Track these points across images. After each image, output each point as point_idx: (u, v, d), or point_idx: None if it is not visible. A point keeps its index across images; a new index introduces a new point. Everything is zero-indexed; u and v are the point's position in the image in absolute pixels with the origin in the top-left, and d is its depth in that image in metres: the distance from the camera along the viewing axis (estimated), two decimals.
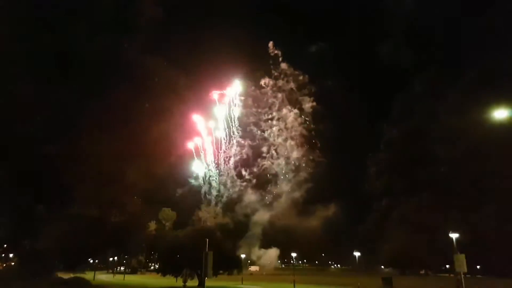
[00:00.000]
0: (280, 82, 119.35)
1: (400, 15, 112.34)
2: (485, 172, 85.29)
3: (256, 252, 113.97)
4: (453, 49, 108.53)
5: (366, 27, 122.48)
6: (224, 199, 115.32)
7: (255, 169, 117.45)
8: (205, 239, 31.31)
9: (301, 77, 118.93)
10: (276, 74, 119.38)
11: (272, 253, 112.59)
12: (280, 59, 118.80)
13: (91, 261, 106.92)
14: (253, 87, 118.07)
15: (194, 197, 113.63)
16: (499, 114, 32.60)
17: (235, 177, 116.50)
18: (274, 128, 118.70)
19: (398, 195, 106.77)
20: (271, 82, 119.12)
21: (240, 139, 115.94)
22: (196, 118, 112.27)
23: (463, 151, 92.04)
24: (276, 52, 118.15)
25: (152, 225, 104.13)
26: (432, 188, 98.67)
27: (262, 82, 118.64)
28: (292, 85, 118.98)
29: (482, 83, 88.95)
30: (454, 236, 55.39)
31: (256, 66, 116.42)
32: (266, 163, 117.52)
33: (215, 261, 28.90)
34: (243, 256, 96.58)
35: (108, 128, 78.26)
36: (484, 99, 71.12)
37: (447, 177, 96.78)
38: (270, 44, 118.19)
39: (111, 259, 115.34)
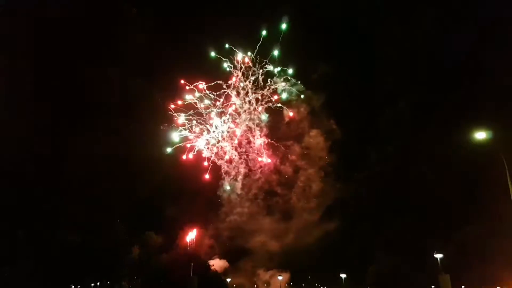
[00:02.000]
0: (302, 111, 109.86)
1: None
2: (467, 193, 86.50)
3: (263, 275, 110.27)
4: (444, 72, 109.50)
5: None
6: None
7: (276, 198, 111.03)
8: (189, 263, 31.04)
9: (316, 100, 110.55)
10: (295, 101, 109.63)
11: (283, 277, 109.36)
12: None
13: (73, 287, 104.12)
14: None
15: (183, 217, 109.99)
16: (479, 135, 33.66)
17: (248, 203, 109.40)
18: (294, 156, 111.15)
19: (382, 216, 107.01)
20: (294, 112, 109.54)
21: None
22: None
23: (447, 172, 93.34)
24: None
25: (136, 250, 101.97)
26: (416, 209, 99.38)
27: (286, 116, 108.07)
28: (307, 108, 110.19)
29: (465, 106, 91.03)
30: (438, 256, 55.86)
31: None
32: (292, 196, 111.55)
33: (200, 285, 28.56)
34: (228, 280, 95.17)
35: (92, 151, 77.29)
36: (467, 122, 72.78)
37: (431, 198, 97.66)
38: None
39: (93, 284, 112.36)
